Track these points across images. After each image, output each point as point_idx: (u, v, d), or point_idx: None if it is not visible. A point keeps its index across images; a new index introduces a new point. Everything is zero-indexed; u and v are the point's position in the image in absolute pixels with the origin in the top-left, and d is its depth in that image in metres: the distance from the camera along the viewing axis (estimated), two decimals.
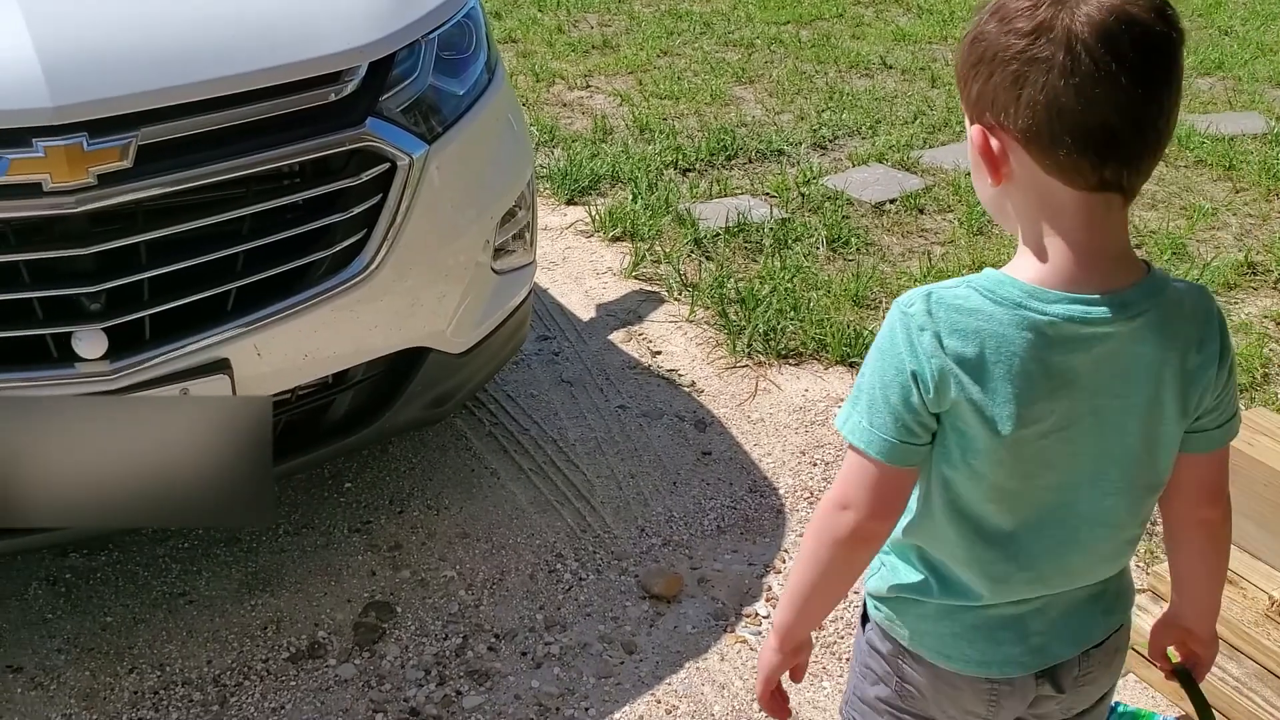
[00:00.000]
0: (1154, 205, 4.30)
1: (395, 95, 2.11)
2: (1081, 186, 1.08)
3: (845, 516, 1.20)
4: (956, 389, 1.12)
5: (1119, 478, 1.19)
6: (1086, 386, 1.13)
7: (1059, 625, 1.26)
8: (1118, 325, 1.11)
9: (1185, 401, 1.17)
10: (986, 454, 1.15)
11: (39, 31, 1.76)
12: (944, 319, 1.12)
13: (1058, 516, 1.20)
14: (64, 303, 1.83)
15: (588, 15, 6.88)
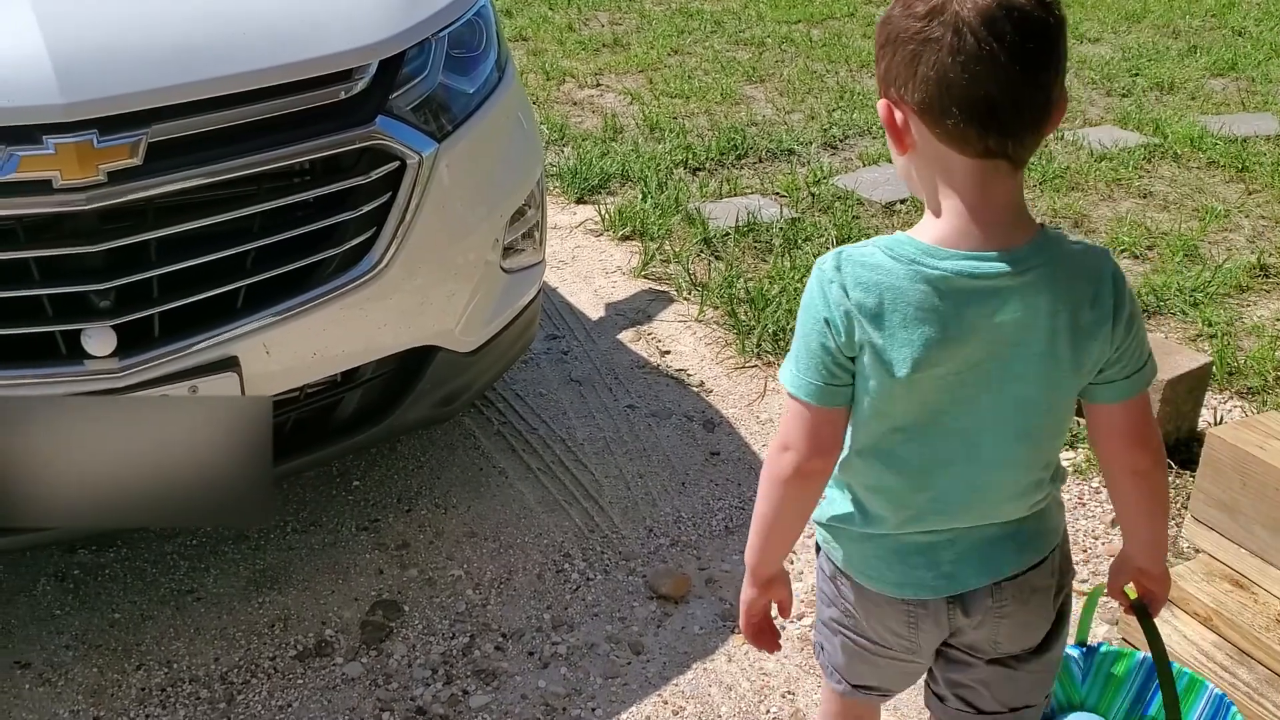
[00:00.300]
0: (1166, 207, 4.28)
1: (405, 93, 2.10)
2: (970, 154, 1.21)
3: (787, 457, 1.33)
4: (860, 333, 1.25)
5: (1020, 423, 1.30)
6: (984, 337, 1.25)
7: (969, 557, 1.37)
8: (1008, 279, 1.23)
9: (1080, 354, 1.27)
10: (887, 394, 1.28)
11: (50, 29, 1.76)
12: (849, 273, 1.26)
13: (964, 456, 1.31)
14: (73, 300, 1.83)
15: (598, 13, 6.88)
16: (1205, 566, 2.15)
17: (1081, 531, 2.58)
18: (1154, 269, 3.77)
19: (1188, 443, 2.82)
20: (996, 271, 1.23)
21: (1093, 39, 6.48)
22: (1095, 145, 4.82)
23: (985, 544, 1.37)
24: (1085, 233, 4.06)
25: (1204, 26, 6.72)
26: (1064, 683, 1.69)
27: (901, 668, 1.49)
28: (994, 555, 1.37)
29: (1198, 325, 3.41)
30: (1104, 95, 5.57)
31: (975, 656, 1.44)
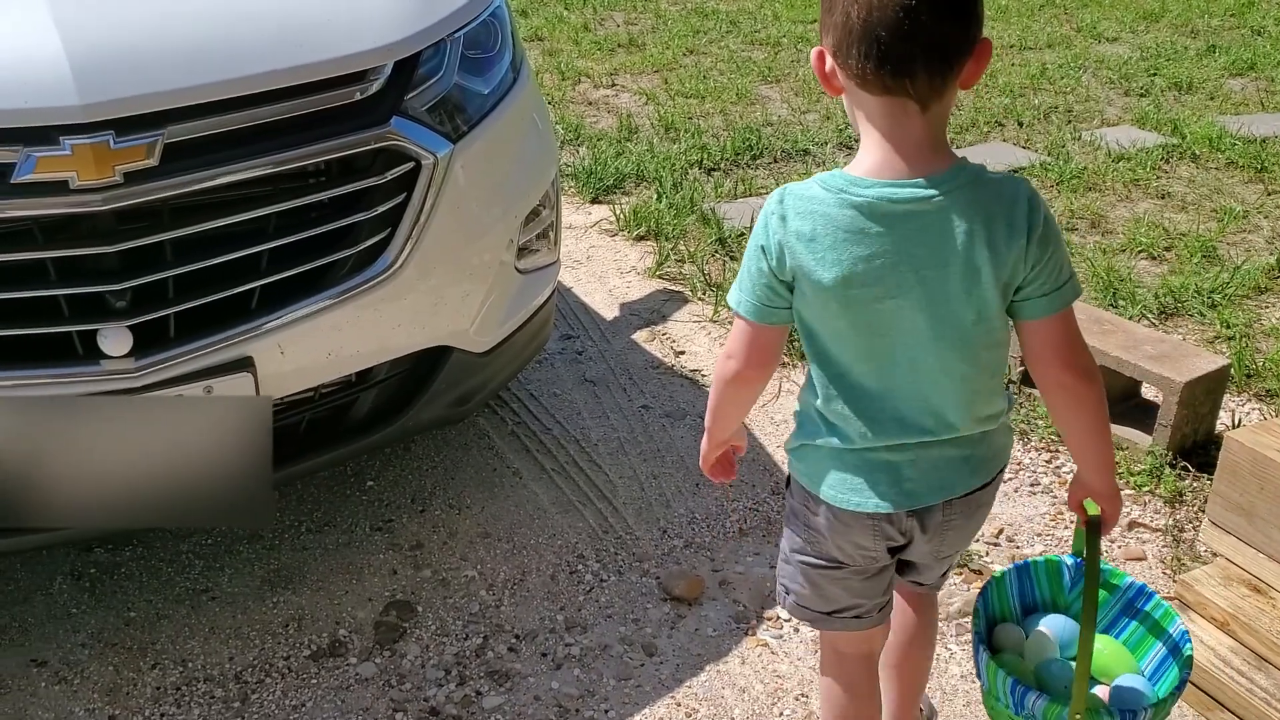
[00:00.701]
0: (1184, 207, 4.25)
1: (420, 94, 2.10)
2: (877, 93, 1.36)
3: (730, 364, 1.54)
4: (792, 258, 1.41)
5: (955, 336, 1.44)
6: (907, 258, 1.39)
7: (928, 475, 1.51)
8: (923, 204, 1.38)
9: (999, 271, 1.39)
10: (829, 316, 1.44)
11: (67, 30, 1.77)
12: (790, 205, 1.42)
13: (908, 369, 1.45)
14: (90, 300, 1.84)
15: (614, 13, 6.88)
16: (1222, 571, 2.13)
17: None
18: (1172, 270, 3.75)
19: (1205, 445, 2.80)
20: (914, 196, 1.38)
21: (1110, 38, 6.44)
22: (1113, 145, 4.80)
23: (942, 464, 1.51)
24: (1103, 233, 4.04)
25: (1222, 26, 6.68)
26: (1054, 587, 1.78)
27: (863, 579, 1.63)
28: (949, 476, 1.52)
29: (1216, 327, 3.38)
30: (1122, 95, 5.54)
31: (921, 564, 1.66)
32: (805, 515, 1.60)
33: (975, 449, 1.52)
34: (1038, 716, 1.55)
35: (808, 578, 1.64)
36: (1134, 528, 2.59)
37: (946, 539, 1.57)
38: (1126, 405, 2.93)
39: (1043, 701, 1.54)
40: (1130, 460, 2.78)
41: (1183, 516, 2.61)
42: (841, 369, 1.48)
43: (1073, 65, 5.90)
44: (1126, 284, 3.59)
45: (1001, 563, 2.47)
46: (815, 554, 1.62)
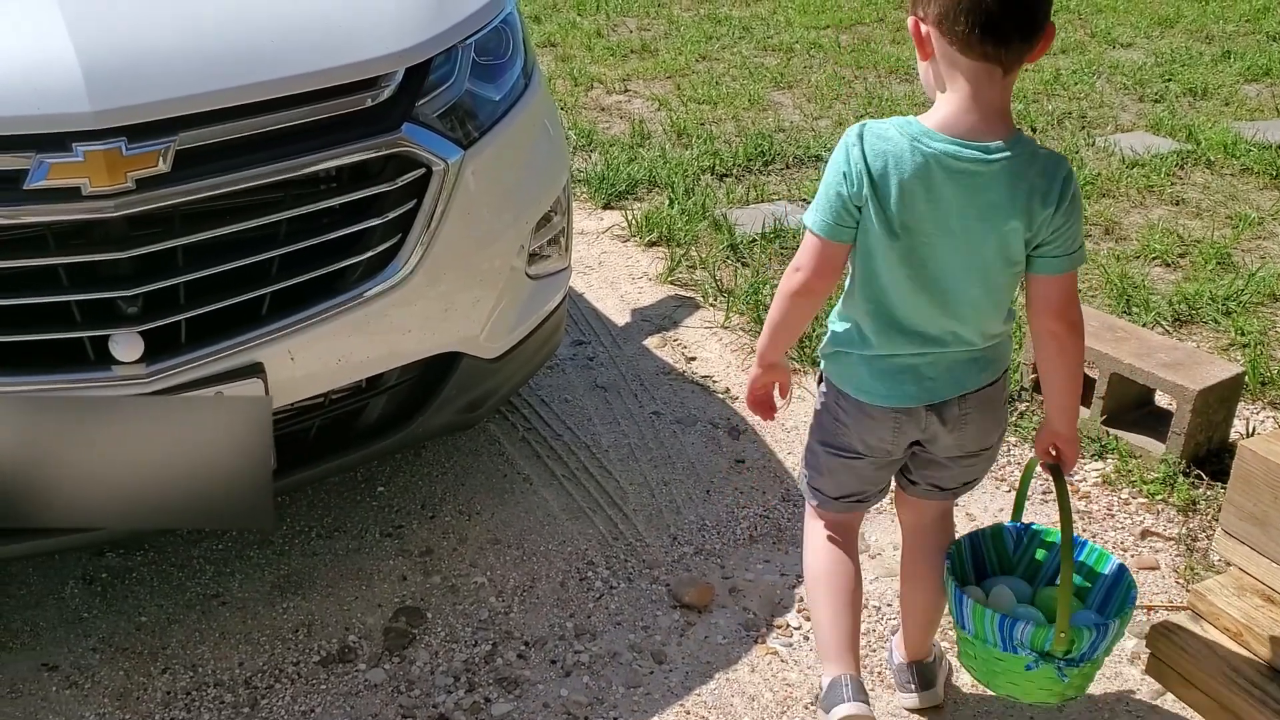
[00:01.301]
0: (1198, 214, 4.23)
1: (431, 101, 2.11)
2: (975, 57, 1.59)
3: (798, 275, 1.76)
4: (867, 187, 1.66)
5: (980, 277, 1.70)
6: (954, 207, 1.65)
7: (945, 375, 1.78)
8: (980, 165, 1.63)
9: (1029, 231, 1.66)
10: (885, 244, 1.69)
11: (79, 36, 1.78)
12: (869, 141, 1.66)
13: (937, 298, 1.72)
14: (101, 306, 1.84)
15: (627, 19, 6.88)
16: (1236, 581, 2.11)
17: (1110, 543, 2.55)
18: (1186, 277, 3.73)
19: (1219, 453, 2.78)
20: (976, 158, 1.63)
21: (1125, 44, 6.42)
22: (1127, 151, 4.78)
23: (956, 365, 1.78)
24: (1116, 240, 4.02)
25: (1238, 32, 6.64)
26: (1000, 551, 2.01)
27: (876, 470, 1.90)
28: (962, 374, 1.79)
29: (1230, 334, 3.37)
30: (1136, 101, 5.52)
31: (945, 459, 1.86)
32: (834, 410, 1.86)
33: (984, 354, 1.80)
34: (1025, 642, 1.77)
35: (827, 465, 1.91)
36: (1147, 536, 2.57)
37: (966, 432, 1.83)
38: (1140, 413, 2.91)
39: (1030, 628, 1.77)
40: (1143, 468, 2.76)
41: (1196, 525, 2.60)
42: (882, 288, 1.73)
43: (1087, 71, 5.88)
44: (1140, 291, 3.57)
45: None
46: (837, 445, 1.88)
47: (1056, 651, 1.77)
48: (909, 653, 2.09)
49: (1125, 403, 2.89)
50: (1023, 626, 1.77)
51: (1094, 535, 2.58)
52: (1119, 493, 2.71)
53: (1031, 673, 1.80)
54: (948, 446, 1.84)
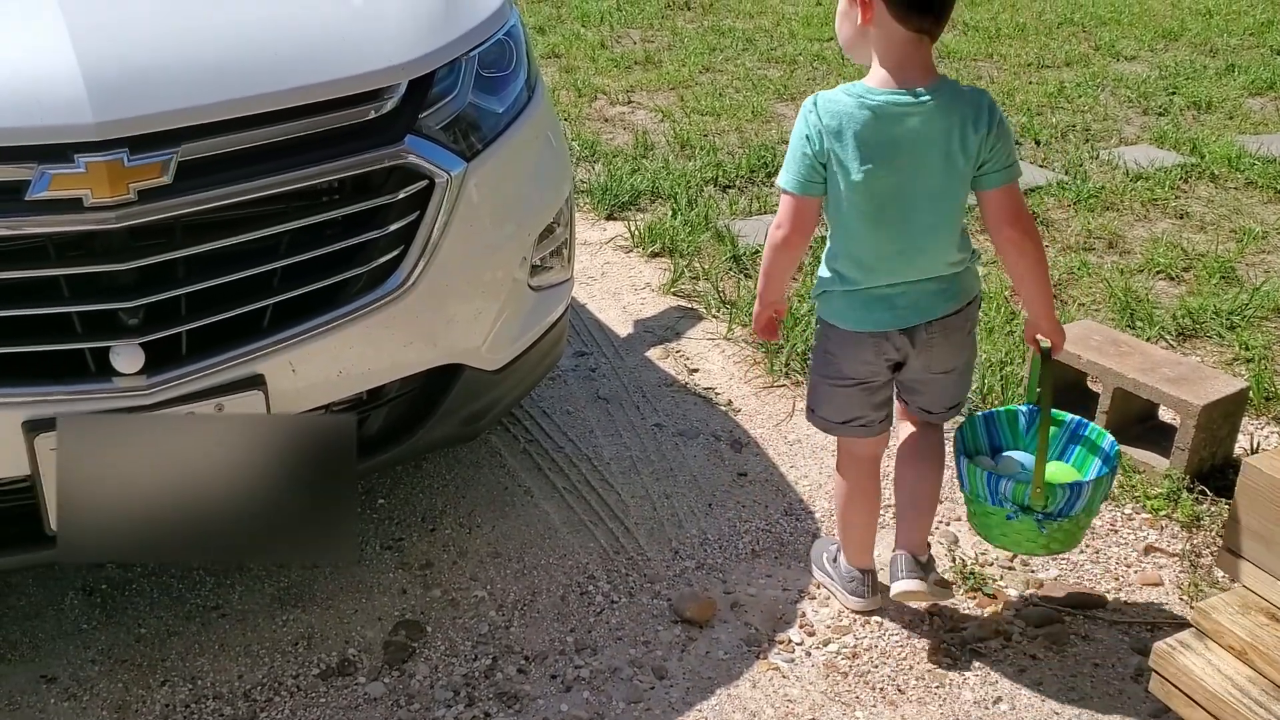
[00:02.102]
0: (1203, 228, 4.23)
1: (435, 113, 2.10)
2: (910, 29, 1.94)
3: (779, 231, 2.08)
4: (828, 143, 1.98)
5: (933, 205, 2.02)
6: (907, 148, 1.97)
7: (914, 304, 2.08)
8: (917, 107, 1.96)
9: (967, 154, 1.99)
10: (850, 189, 2.00)
11: (83, 47, 1.78)
12: (822, 106, 1.99)
13: (902, 230, 2.03)
14: (102, 317, 1.84)
15: (631, 31, 6.89)
16: (1240, 599, 2.10)
17: (1114, 559, 2.54)
18: (1190, 291, 3.72)
19: (1223, 469, 2.77)
20: (909, 102, 1.96)
21: (1129, 57, 6.42)
22: (1131, 164, 4.78)
23: (925, 295, 2.08)
24: (1120, 253, 4.01)
25: (1242, 45, 6.65)
26: (1012, 430, 2.28)
27: (868, 396, 2.18)
28: (929, 303, 2.09)
29: (1234, 349, 3.36)
30: (1140, 114, 5.52)
31: (920, 382, 2.18)
32: (826, 343, 2.17)
33: (949, 285, 2.10)
34: (1009, 496, 2.10)
35: (828, 393, 2.20)
36: (1150, 553, 2.56)
37: (933, 354, 2.13)
38: (1143, 427, 2.90)
39: (1011, 483, 2.10)
40: (1147, 484, 2.75)
41: (1200, 542, 2.58)
42: (855, 230, 2.04)
43: (1091, 84, 5.88)
44: (1144, 305, 3.56)
45: (1017, 588, 2.44)
46: (833, 373, 2.17)
47: (1035, 506, 2.09)
48: (899, 544, 2.29)
49: (1129, 417, 2.88)
50: (1006, 482, 2.11)
51: (1096, 551, 2.57)
52: (1122, 508, 2.70)
53: (1013, 523, 2.13)
54: (918, 369, 2.15)
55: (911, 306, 2.08)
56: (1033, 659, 2.26)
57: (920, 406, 2.25)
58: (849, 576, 2.36)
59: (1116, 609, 2.39)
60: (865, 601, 2.34)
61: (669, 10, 7.33)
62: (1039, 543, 2.14)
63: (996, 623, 2.35)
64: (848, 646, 2.28)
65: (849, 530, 2.33)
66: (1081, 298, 3.67)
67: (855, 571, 2.35)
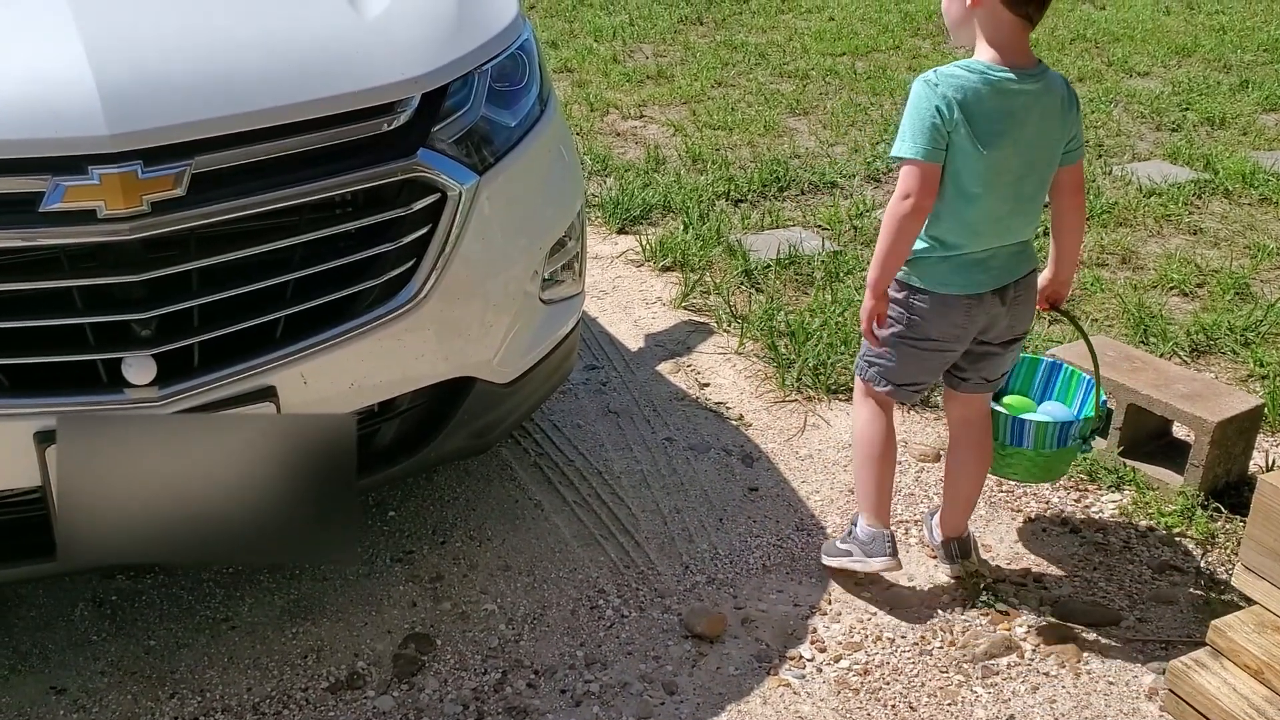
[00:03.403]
0: (1216, 244, 4.21)
1: (447, 126, 2.11)
2: (1018, 14, 2.11)
3: (908, 201, 2.15)
4: (957, 114, 2.11)
5: (1040, 175, 2.22)
6: (1021, 121, 2.14)
7: (1004, 265, 2.25)
8: (1028, 84, 2.14)
9: (1065, 130, 2.21)
10: (972, 158, 2.13)
11: (97, 60, 1.78)
12: (945, 81, 2.13)
13: (1011, 198, 2.19)
14: (115, 328, 1.84)
15: (643, 45, 6.91)
16: (1256, 618, 2.08)
17: (1128, 577, 2.53)
18: (1204, 307, 3.71)
19: (1238, 487, 2.76)
20: (1023, 80, 2.14)
21: (1142, 73, 6.41)
22: (1144, 180, 4.76)
23: (1010, 257, 2.26)
24: (1133, 269, 4.00)
25: (1256, 61, 6.63)
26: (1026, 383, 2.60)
27: (942, 359, 2.31)
28: (1014, 264, 2.27)
29: (1249, 365, 3.34)
30: (1153, 130, 5.51)
31: (995, 345, 2.32)
32: (913, 308, 2.26)
33: (1025, 248, 2.29)
34: (1076, 435, 2.38)
35: (905, 353, 2.30)
36: (1165, 570, 2.54)
37: (1017, 312, 2.30)
38: (1157, 444, 2.89)
39: (1079, 424, 2.39)
40: (1161, 500, 2.74)
41: (1215, 559, 2.56)
42: (968, 199, 2.16)
43: (1104, 99, 5.87)
44: (1158, 321, 3.55)
45: (1031, 604, 2.43)
46: (918, 335, 2.27)
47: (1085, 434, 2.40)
48: (946, 531, 2.48)
49: (1142, 434, 2.87)
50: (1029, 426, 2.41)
51: (1110, 568, 2.55)
52: (1136, 525, 2.68)
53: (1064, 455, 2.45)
54: (1002, 330, 2.30)
55: (1002, 268, 2.24)
56: (1046, 676, 2.25)
57: (984, 376, 2.36)
58: (869, 538, 2.42)
59: (1131, 626, 2.38)
60: (888, 561, 2.39)
61: (681, 25, 7.34)
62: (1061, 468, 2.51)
63: (1009, 639, 2.33)
64: (859, 663, 2.27)
65: (872, 489, 2.42)
66: (1095, 313, 3.65)
67: (875, 531, 2.42)
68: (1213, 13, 7.76)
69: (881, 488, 2.42)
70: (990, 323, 2.27)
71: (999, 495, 2.79)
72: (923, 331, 2.26)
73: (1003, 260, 2.24)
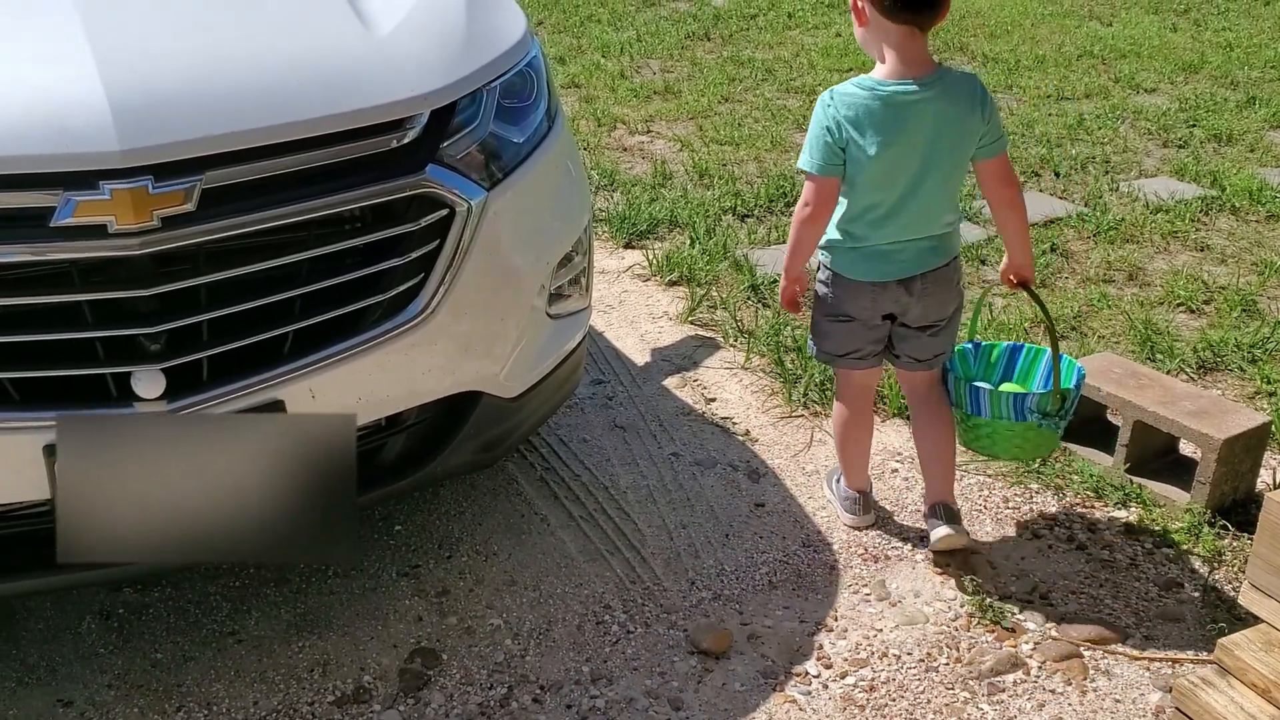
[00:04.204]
0: (1223, 260, 4.21)
1: (456, 142, 2.12)
2: (900, 23, 2.26)
3: (807, 209, 2.40)
4: (846, 132, 2.31)
5: (938, 178, 2.36)
6: (915, 129, 2.31)
7: (913, 258, 2.42)
8: (922, 94, 2.29)
9: (970, 133, 2.35)
10: (866, 168, 2.33)
11: (109, 76, 1.80)
12: (839, 100, 2.32)
13: (908, 196, 2.36)
14: (124, 342, 1.85)
15: (650, 61, 6.93)
16: (1264, 636, 2.08)
17: (1134, 594, 2.52)
18: (1211, 324, 3.70)
19: (1245, 504, 2.75)
20: (915, 90, 2.29)
21: (1149, 89, 6.42)
22: (1151, 197, 4.77)
23: (920, 251, 2.42)
24: (1140, 286, 4.00)
25: (1263, 78, 6.63)
26: (964, 364, 2.67)
27: (865, 333, 2.50)
28: (923, 257, 2.43)
29: (1256, 383, 3.33)
30: (1160, 146, 5.51)
31: (913, 329, 2.49)
32: (831, 288, 2.49)
33: (939, 243, 2.44)
34: (1034, 408, 2.46)
35: (829, 328, 2.53)
36: (1171, 588, 2.53)
37: (927, 304, 2.45)
38: (1163, 461, 2.88)
39: (1035, 396, 2.46)
40: (1168, 518, 2.73)
41: (1222, 577, 2.56)
42: (869, 199, 2.37)
43: (1110, 116, 5.88)
44: (1164, 337, 3.54)
45: (1036, 621, 2.42)
46: (834, 312, 2.50)
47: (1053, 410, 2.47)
48: (930, 500, 2.61)
49: (1149, 451, 2.86)
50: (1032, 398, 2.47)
51: (1117, 586, 2.55)
52: (1142, 543, 2.68)
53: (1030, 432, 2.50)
54: (916, 316, 2.47)
55: (910, 260, 2.41)
56: (1052, 694, 2.24)
57: (910, 355, 2.53)
58: (846, 496, 2.73)
59: (1137, 644, 2.37)
60: (858, 519, 2.71)
61: (689, 41, 7.37)
62: (1050, 444, 2.57)
63: (1015, 656, 2.33)
64: (865, 679, 2.27)
65: (848, 454, 2.68)
66: (1101, 330, 3.65)
67: (852, 492, 2.71)
68: (1219, 30, 7.77)
69: (853, 455, 2.68)
70: (901, 309, 2.45)
71: (1005, 511, 2.79)
72: (841, 309, 2.49)
73: (912, 254, 2.41)
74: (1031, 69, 6.77)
